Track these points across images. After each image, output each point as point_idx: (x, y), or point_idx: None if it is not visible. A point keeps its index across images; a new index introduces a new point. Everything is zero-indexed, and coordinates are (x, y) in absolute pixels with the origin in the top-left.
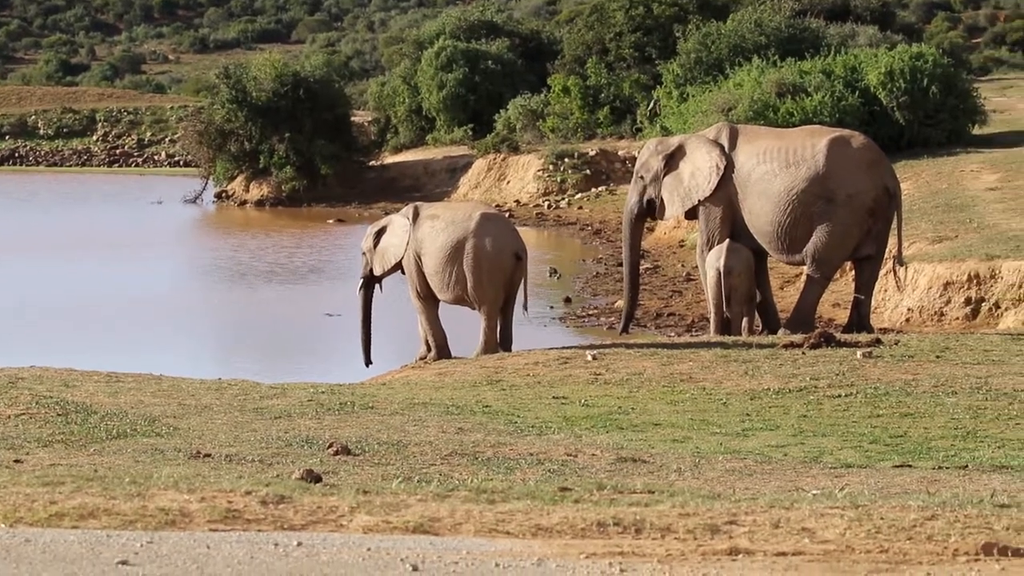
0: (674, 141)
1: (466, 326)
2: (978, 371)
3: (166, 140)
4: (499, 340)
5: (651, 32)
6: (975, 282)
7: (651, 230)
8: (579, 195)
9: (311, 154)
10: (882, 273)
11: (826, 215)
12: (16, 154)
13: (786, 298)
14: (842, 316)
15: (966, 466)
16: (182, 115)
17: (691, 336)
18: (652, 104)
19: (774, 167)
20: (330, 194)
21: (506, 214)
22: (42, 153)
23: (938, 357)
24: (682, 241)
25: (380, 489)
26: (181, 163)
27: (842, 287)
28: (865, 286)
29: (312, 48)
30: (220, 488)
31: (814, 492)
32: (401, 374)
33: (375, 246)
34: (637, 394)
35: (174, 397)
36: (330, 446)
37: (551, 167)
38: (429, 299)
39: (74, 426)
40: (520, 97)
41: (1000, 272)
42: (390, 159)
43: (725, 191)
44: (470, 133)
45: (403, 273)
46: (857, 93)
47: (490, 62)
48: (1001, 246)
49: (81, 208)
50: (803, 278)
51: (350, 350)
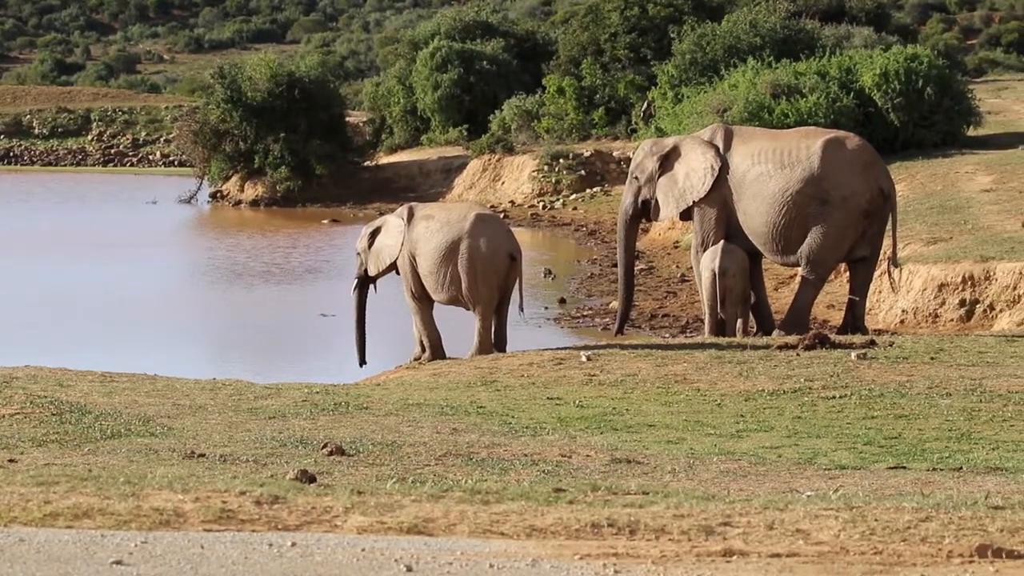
0: (669, 142)
1: (461, 327)
2: (973, 373)
3: (161, 140)
4: (494, 341)
5: (646, 33)
6: (970, 284)
7: (646, 231)
8: (574, 196)
9: (306, 154)
10: (877, 274)
11: (821, 216)
12: (11, 153)
13: (781, 299)
14: (837, 317)
15: (960, 468)
16: (177, 115)
17: (686, 337)
18: (645, 106)
19: (769, 168)
20: (325, 194)
21: (501, 215)
22: (37, 152)
23: (933, 359)
24: (677, 242)
25: (374, 490)
26: (176, 163)
27: (837, 288)
28: (860, 288)
29: (307, 48)
30: (214, 488)
31: (808, 493)
32: (395, 374)
33: (370, 246)
34: (632, 395)
35: (168, 397)
36: (324, 446)
37: (546, 168)
38: (424, 300)
39: (68, 426)
40: (515, 98)
41: (994, 274)
42: (385, 159)
43: (720, 192)
44: (465, 133)
45: (398, 274)
46: (852, 94)
47: (485, 62)
48: (996, 248)
49: (76, 208)
50: (798, 279)
51: (344, 350)
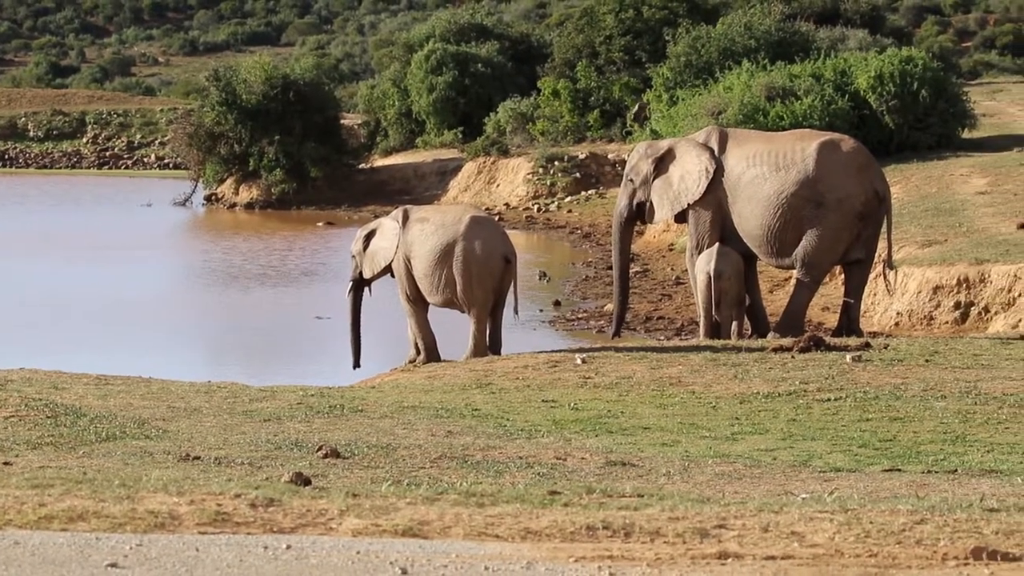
0: (664, 144)
1: (455, 329)
2: (967, 375)
3: (156, 142)
4: (488, 343)
5: (641, 35)
6: (964, 286)
7: (641, 233)
8: (569, 198)
9: (301, 157)
10: (872, 277)
11: (816, 219)
12: (6, 156)
13: (775, 302)
14: (831, 320)
15: (955, 470)
16: (172, 117)
17: (680, 340)
18: (636, 108)
19: (764, 171)
20: (320, 197)
21: (496, 217)
22: (32, 155)
23: (927, 361)
24: (672, 244)
25: (369, 492)
26: (171, 165)
27: (831, 291)
28: (855, 290)
29: (302, 51)
30: (209, 491)
31: (803, 496)
32: (390, 377)
33: (365, 249)
34: (626, 398)
35: (163, 400)
36: (319, 449)
37: (541, 170)
38: (418, 302)
39: (63, 428)
40: (510, 100)
41: (989, 276)
42: (380, 162)
43: (714, 195)
44: (460, 136)
45: (393, 276)
46: (847, 97)
47: (480, 65)
48: (990, 250)
49: (71, 210)
50: (792, 282)
51: (340, 353)
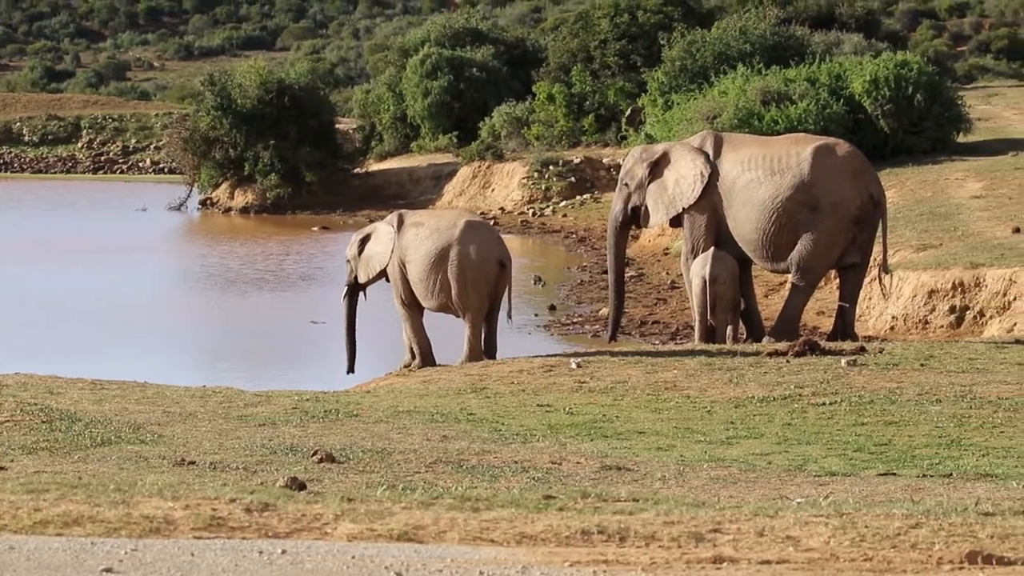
0: (659, 149)
1: (450, 334)
2: (962, 379)
3: (151, 147)
4: (483, 348)
5: (636, 40)
6: (960, 290)
7: (636, 238)
8: (564, 203)
9: (296, 161)
10: (867, 281)
11: (811, 223)
12: (1, 161)
13: (771, 306)
14: (827, 324)
15: (950, 474)
16: (167, 122)
17: (676, 344)
18: (630, 112)
19: (759, 175)
20: (315, 201)
21: (491, 222)
22: (27, 160)
23: (923, 365)
24: (667, 249)
25: (364, 497)
26: (166, 170)
27: (827, 295)
28: (850, 294)
29: (297, 55)
30: (204, 496)
31: (798, 500)
32: (386, 382)
33: (360, 254)
34: (621, 402)
35: (159, 404)
36: (314, 454)
37: (536, 175)
38: (414, 307)
39: (58, 433)
40: (505, 104)
41: (984, 280)
42: (375, 166)
43: (710, 199)
44: (455, 140)
45: (388, 281)
46: (842, 101)
47: (475, 69)
48: (985, 254)
49: (66, 215)
50: (788, 286)
51: (335, 358)
